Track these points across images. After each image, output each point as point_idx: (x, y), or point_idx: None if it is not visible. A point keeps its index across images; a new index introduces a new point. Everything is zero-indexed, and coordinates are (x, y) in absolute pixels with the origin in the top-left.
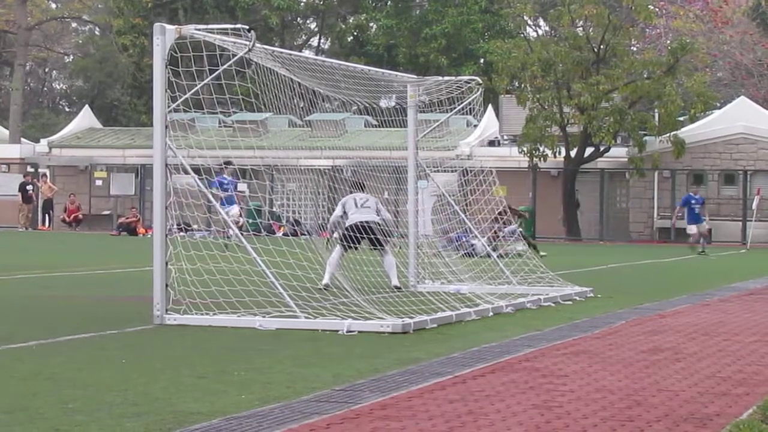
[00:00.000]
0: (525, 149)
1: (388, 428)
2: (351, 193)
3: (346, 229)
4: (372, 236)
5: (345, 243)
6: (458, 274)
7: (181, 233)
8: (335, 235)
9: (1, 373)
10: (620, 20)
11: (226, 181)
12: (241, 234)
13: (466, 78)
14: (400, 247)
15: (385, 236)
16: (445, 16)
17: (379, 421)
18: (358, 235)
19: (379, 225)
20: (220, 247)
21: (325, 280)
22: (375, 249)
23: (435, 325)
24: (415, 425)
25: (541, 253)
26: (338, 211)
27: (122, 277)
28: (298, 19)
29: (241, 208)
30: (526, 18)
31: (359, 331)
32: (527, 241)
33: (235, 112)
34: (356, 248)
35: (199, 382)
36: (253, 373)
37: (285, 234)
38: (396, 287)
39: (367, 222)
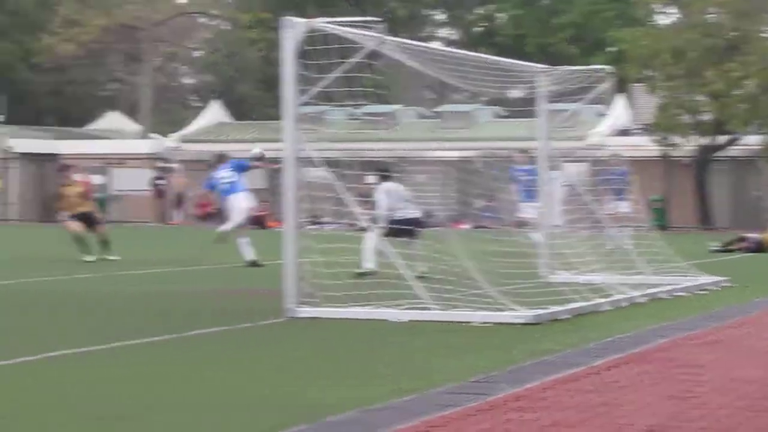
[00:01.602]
0: (657, 138)
1: (522, 419)
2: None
3: (396, 221)
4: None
5: (389, 233)
6: (590, 265)
7: (313, 226)
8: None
9: (124, 365)
10: (753, 6)
11: None
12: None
13: (596, 67)
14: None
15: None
16: (575, 5)
17: (514, 413)
18: (404, 228)
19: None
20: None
21: (368, 265)
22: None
23: (568, 316)
24: (550, 416)
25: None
26: (383, 202)
27: (253, 271)
28: (426, 10)
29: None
30: (656, 5)
31: (492, 323)
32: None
33: (365, 105)
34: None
35: (332, 375)
36: (386, 365)
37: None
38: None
39: (415, 218)
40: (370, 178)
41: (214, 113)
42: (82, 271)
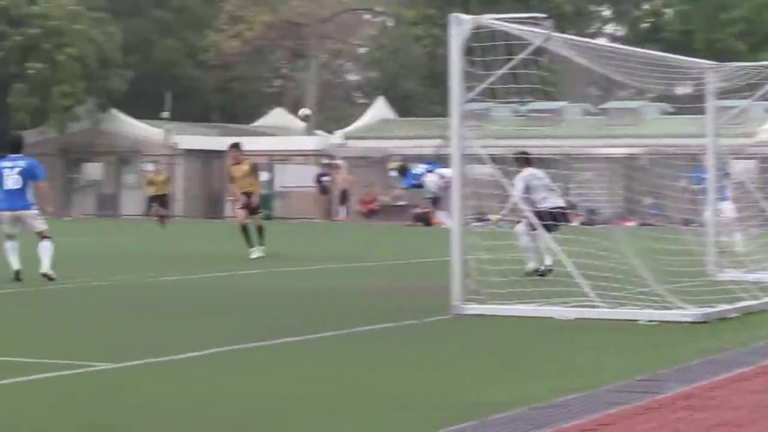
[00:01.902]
0: None
1: (691, 418)
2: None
3: (546, 212)
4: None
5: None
6: (760, 263)
7: (478, 223)
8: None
9: (301, 362)
10: None
11: None
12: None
13: (765, 63)
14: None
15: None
16: (743, 1)
17: (682, 411)
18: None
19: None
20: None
21: (533, 265)
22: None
23: (737, 315)
24: (719, 416)
25: None
26: (520, 187)
27: (418, 268)
28: (592, 6)
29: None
30: None
31: (659, 321)
32: None
33: (530, 102)
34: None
35: (499, 372)
36: (553, 362)
37: (582, 223)
38: (548, 268)
39: (561, 207)
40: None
41: (379, 110)
42: (248, 267)
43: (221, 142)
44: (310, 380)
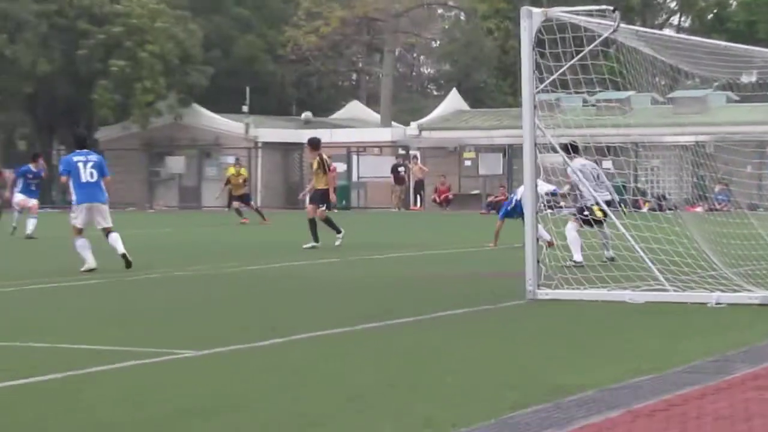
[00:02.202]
0: None
1: (761, 398)
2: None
3: (591, 207)
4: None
5: (584, 218)
6: None
7: (550, 210)
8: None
9: (384, 345)
10: None
11: None
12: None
13: None
14: None
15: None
16: None
17: (752, 392)
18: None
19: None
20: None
21: (578, 257)
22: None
23: None
24: None
25: None
26: (577, 179)
27: (492, 255)
28: None
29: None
30: None
31: (728, 304)
32: None
33: (599, 92)
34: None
35: (571, 355)
36: (624, 345)
37: (651, 209)
38: (611, 258)
39: (607, 203)
40: (607, 163)
41: (452, 101)
42: (328, 256)
43: (299, 135)
44: (392, 364)
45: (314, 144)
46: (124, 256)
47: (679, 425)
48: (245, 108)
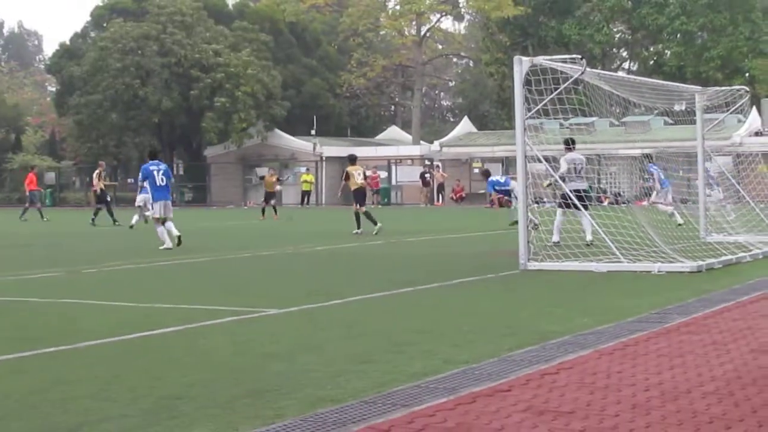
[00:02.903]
0: None
1: (690, 340)
2: (572, 152)
3: (573, 191)
4: (582, 202)
5: (564, 204)
6: (735, 228)
7: (536, 204)
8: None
9: (415, 304)
10: None
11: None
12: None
13: (736, 87)
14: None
15: (588, 200)
16: (720, 44)
17: (684, 335)
18: (572, 200)
19: (587, 191)
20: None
21: (555, 238)
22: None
23: (721, 266)
24: (710, 337)
25: None
26: (564, 168)
27: (494, 237)
28: (614, 49)
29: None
30: None
31: (666, 272)
32: None
33: (571, 117)
34: (570, 208)
35: (554, 310)
36: (592, 302)
37: (610, 203)
38: (590, 243)
39: (582, 190)
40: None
41: (464, 126)
42: (374, 239)
43: (353, 151)
44: (421, 318)
45: (350, 157)
46: (178, 237)
47: (632, 360)
48: (313, 131)
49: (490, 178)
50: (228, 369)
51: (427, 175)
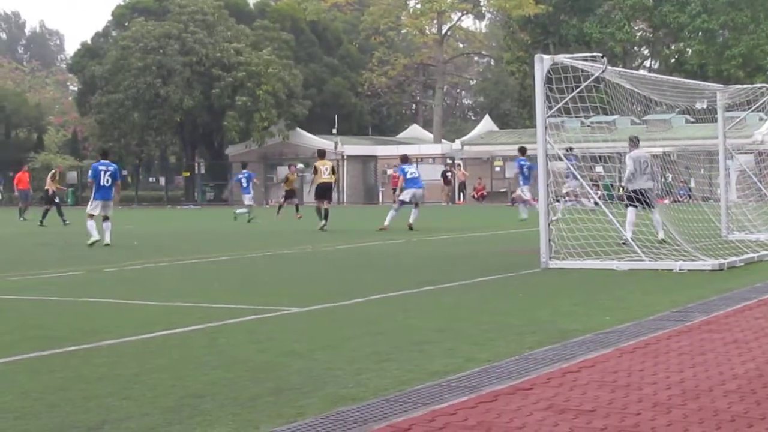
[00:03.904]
0: None
1: (711, 338)
2: (637, 149)
3: (633, 192)
4: (646, 199)
5: (632, 202)
6: (757, 227)
7: (557, 202)
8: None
9: (435, 303)
10: None
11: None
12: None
13: (758, 85)
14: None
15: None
16: (741, 42)
17: (705, 333)
18: (640, 197)
19: (652, 190)
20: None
21: (628, 234)
22: (647, 208)
23: (742, 264)
24: (732, 336)
25: None
26: (631, 167)
27: (515, 236)
28: (635, 47)
29: (596, 183)
30: None
31: (688, 269)
32: None
33: (592, 116)
34: (641, 206)
35: (575, 308)
36: (613, 300)
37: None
38: (662, 240)
39: (647, 189)
40: (598, 167)
41: (486, 124)
42: (395, 237)
43: (374, 150)
44: (441, 316)
45: (321, 154)
46: (107, 245)
47: (653, 359)
48: (334, 130)
49: (520, 158)
50: (249, 367)
51: (449, 174)
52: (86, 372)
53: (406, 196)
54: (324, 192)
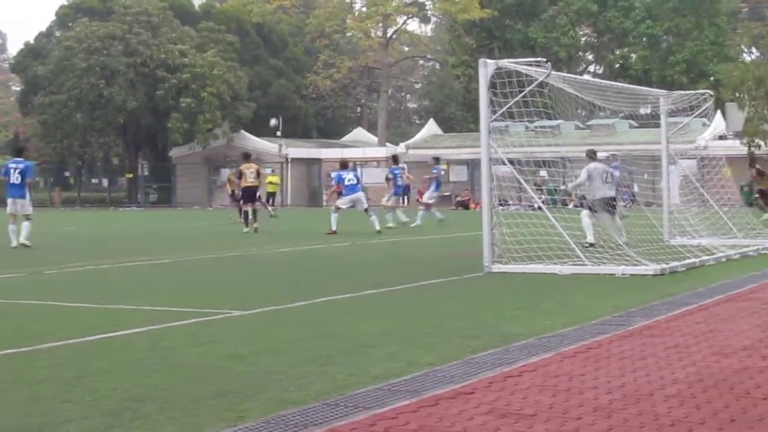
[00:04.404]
0: (745, 141)
1: (652, 343)
2: (595, 162)
3: (600, 200)
4: (611, 208)
5: (592, 209)
6: (699, 231)
7: (501, 207)
8: (580, 199)
9: (380, 306)
10: None
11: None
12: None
13: (701, 91)
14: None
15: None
16: (685, 47)
17: (647, 338)
18: (603, 206)
19: (615, 198)
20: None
21: (590, 239)
22: (610, 214)
23: (684, 269)
24: (672, 340)
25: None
26: (583, 177)
27: (459, 240)
28: (580, 52)
29: (540, 188)
30: (743, 47)
31: (630, 274)
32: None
33: (536, 120)
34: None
35: (517, 313)
36: (556, 305)
37: (574, 206)
38: (625, 244)
39: (610, 197)
40: (542, 172)
41: (430, 128)
42: (340, 240)
43: (318, 153)
44: (385, 320)
45: (246, 157)
46: (23, 244)
47: (594, 363)
48: (279, 133)
49: (436, 165)
50: (191, 371)
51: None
52: (27, 375)
53: (345, 202)
54: (250, 195)
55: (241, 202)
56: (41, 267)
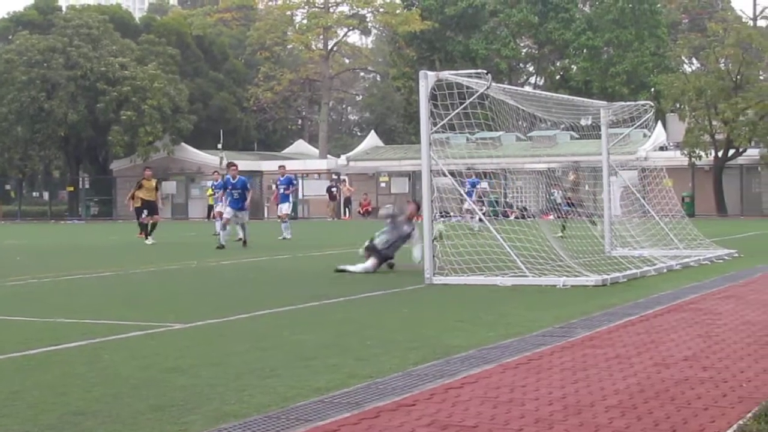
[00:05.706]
0: (686, 152)
1: (594, 354)
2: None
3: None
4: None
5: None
6: (640, 242)
7: (442, 218)
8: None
9: (321, 319)
10: (751, 57)
11: None
12: (486, 218)
13: (641, 102)
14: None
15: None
16: (625, 59)
17: (588, 349)
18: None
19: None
20: (469, 228)
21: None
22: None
23: (625, 280)
24: (614, 351)
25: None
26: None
27: (402, 251)
28: (521, 64)
29: (481, 200)
30: (683, 58)
31: (572, 285)
32: None
33: (477, 132)
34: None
35: (458, 324)
36: (497, 316)
37: (516, 217)
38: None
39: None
40: (484, 183)
41: (371, 140)
42: (281, 252)
43: (259, 165)
44: (327, 332)
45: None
46: None
47: (536, 374)
48: (219, 145)
49: (288, 176)
50: (132, 384)
51: (334, 189)
52: None
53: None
54: (149, 208)
55: (143, 215)
56: None
